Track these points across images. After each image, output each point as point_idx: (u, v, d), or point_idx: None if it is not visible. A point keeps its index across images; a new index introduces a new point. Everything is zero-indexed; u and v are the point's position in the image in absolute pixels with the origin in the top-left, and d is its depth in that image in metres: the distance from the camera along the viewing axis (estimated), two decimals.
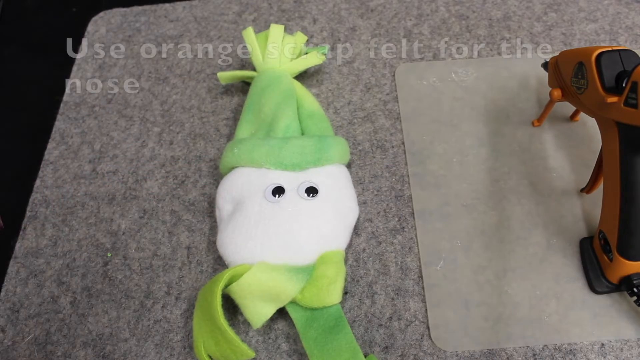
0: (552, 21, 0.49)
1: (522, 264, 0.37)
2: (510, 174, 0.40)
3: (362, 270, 0.37)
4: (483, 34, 0.49)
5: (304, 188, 0.35)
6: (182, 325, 0.36)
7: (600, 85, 0.31)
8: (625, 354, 0.33)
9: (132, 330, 0.36)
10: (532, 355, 0.33)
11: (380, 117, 0.44)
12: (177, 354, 0.35)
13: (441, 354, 0.34)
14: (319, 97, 0.46)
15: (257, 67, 0.42)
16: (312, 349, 0.32)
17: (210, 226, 0.40)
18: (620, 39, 0.47)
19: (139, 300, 0.37)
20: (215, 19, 0.52)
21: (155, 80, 0.48)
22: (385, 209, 0.40)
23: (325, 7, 0.52)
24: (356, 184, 0.41)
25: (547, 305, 0.35)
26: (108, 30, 0.52)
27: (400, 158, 0.42)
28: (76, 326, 0.36)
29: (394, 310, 0.35)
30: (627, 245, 0.32)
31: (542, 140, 0.42)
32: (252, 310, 0.32)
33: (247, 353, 0.30)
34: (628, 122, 0.29)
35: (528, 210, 0.39)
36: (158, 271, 0.38)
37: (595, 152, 0.36)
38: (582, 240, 0.37)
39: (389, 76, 0.47)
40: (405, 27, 0.50)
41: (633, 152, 0.31)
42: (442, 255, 0.37)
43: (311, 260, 0.34)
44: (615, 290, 0.34)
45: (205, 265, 0.38)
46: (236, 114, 0.45)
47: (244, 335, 0.35)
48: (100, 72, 0.49)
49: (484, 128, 0.43)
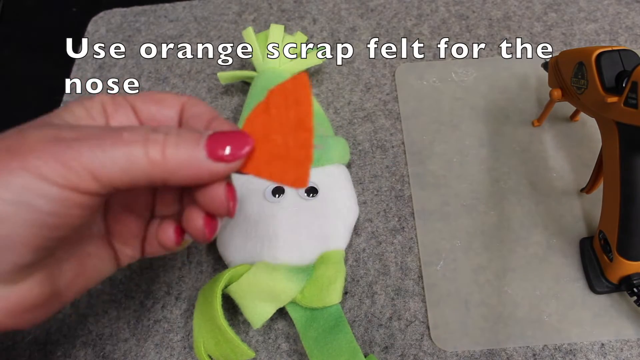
0: (552, 21, 0.49)
1: (522, 264, 0.37)
2: (510, 174, 0.40)
3: (362, 270, 0.37)
4: (483, 34, 0.49)
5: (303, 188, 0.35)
6: (182, 325, 0.36)
7: (600, 85, 0.31)
8: (625, 354, 0.33)
9: (132, 330, 0.36)
10: (532, 355, 0.33)
11: (380, 117, 0.44)
12: (177, 354, 0.35)
13: (441, 354, 0.34)
14: (319, 97, 0.46)
15: (257, 67, 0.42)
16: (312, 349, 0.32)
17: None
18: (620, 39, 0.47)
19: (139, 300, 0.37)
20: (215, 19, 0.52)
21: (155, 80, 0.48)
22: (385, 209, 0.40)
23: (325, 7, 0.52)
24: (356, 184, 0.41)
25: (547, 305, 0.35)
26: (108, 30, 0.52)
27: (400, 158, 0.42)
28: (76, 326, 0.36)
29: (394, 310, 0.35)
30: (627, 245, 0.32)
31: (542, 140, 0.42)
32: (252, 310, 0.32)
33: (247, 353, 0.30)
34: (628, 122, 0.29)
35: (528, 210, 0.39)
36: (158, 271, 0.38)
37: (595, 152, 0.36)
38: (582, 240, 0.37)
39: (389, 76, 0.47)
40: (405, 27, 0.50)
41: (633, 152, 0.31)
42: (442, 255, 0.37)
43: (311, 260, 0.34)
44: (615, 290, 0.34)
45: (205, 265, 0.38)
46: (236, 114, 0.45)
47: (244, 335, 0.35)
48: (100, 72, 0.49)
49: (484, 128, 0.43)
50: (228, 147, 0.21)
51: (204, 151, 0.20)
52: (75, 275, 0.24)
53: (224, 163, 0.21)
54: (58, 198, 0.19)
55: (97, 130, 0.20)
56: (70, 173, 0.19)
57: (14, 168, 0.18)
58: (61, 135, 0.19)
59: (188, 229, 0.23)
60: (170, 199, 0.26)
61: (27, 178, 0.18)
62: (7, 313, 0.21)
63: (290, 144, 0.21)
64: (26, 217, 0.19)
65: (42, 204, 0.19)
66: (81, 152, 0.19)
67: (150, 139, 0.20)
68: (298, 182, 0.21)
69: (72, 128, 0.20)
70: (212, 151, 0.20)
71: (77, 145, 0.19)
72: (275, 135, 0.22)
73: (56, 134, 0.19)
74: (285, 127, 0.22)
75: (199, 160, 0.20)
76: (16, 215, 0.19)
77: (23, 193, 0.18)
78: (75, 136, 0.19)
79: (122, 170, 0.19)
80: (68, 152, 0.19)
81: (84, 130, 0.20)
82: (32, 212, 0.19)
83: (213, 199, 0.22)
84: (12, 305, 0.21)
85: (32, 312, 0.22)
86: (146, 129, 0.20)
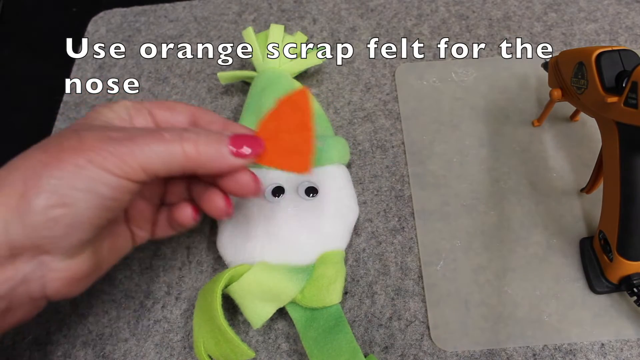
0: (552, 21, 0.49)
1: (522, 264, 0.37)
2: (510, 174, 0.40)
3: (362, 270, 0.37)
4: (483, 34, 0.49)
5: (303, 188, 0.35)
6: (182, 325, 0.36)
7: (600, 85, 0.31)
8: (625, 354, 0.33)
9: (132, 330, 0.36)
10: (532, 355, 0.33)
11: (380, 117, 0.44)
12: (177, 354, 0.35)
13: (441, 354, 0.34)
14: (319, 97, 0.46)
15: (257, 67, 0.42)
16: (312, 349, 0.32)
17: (210, 226, 0.40)
18: (620, 39, 0.47)
19: (139, 300, 0.37)
20: (215, 19, 0.52)
21: (155, 80, 0.48)
22: (385, 209, 0.40)
23: (325, 7, 0.52)
24: (356, 184, 0.41)
25: (547, 305, 0.35)
26: (108, 30, 0.52)
27: (400, 158, 0.42)
28: (76, 326, 0.36)
29: (394, 310, 0.35)
30: (627, 245, 0.32)
31: (542, 140, 0.42)
32: (252, 310, 0.32)
33: (247, 353, 0.30)
34: (628, 122, 0.29)
35: (528, 210, 0.39)
36: (158, 271, 0.38)
37: (595, 152, 0.36)
38: (582, 240, 0.37)
39: (389, 76, 0.47)
40: (405, 27, 0.50)
41: (633, 152, 0.31)
42: (442, 255, 0.37)
43: (311, 260, 0.34)
44: (615, 290, 0.34)
45: (205, 265, 0.38)
46: (236, 114, 0.45)
47: (244, 335, 0.35)
48: (100, 72, 0.49)
49: (484, 128, 0.43)
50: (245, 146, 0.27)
51: (227, 148, 0.26)
52: (109, 252, 0.29)
53: (242, 158, 0.27)
54: (116, 185, 0.24)
55: (141, 131, 0.25)
56: (126, 165, 0.24)
57: (82, 163, 0.23)
58: (113, 136, 0.24)
59: (209, 209, 0.29)
60: (180, 189, 0.32)
61: (94, 170, 0.23)
62: (66, 282, 0.25)
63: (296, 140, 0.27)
64: (93, 201, 0.24)
65: (105, 191, 0.24)
66: (132, 149, 0.24)
67: (184, 138, 0.25)
68: (303, 168, 0.27)
69: (119, 130, 0.25)
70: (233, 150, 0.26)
71: (128, 143, 0.24)
72: (283, 135, 0.28)
73: (108, 134, 0.24)
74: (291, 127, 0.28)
75: (223, 156, 0.26)
76: (85, 200, 0.23)
77: (91, 182, 0.23)
78: (125, 136, 0.24)
79: (164, 162, 0.25)
80: (122, 149, 0.24)
81: (131, 131, 0.25)
82: (97, 198, 0.24)
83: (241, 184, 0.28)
84: (71, 275, 0.25)
85: (81, 282, 0.26)
86: (180, 130, 0.26)
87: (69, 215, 0.23)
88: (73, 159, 0.23)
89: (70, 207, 0.23)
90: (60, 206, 0.23)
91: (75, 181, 0.23)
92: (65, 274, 0.25)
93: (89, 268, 0.26)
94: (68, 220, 0.23)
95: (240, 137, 0.27)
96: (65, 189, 0.23)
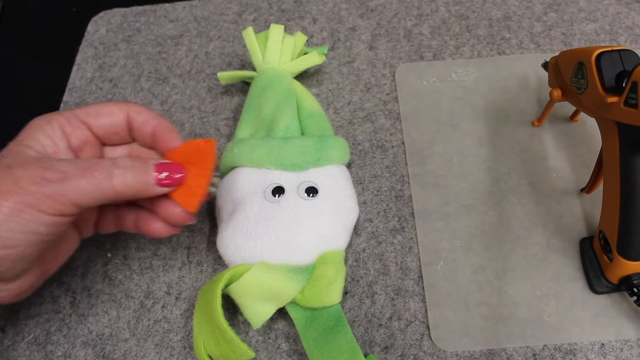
0: (552, 21, 0.49)
1: (522, 264, 0.37)
2: (510, 174, 0.40)
3: (362, 270, 0.37)
4: (483, 34, 0.49)
5: (304, 188, 0.35)
6: (182, 325, 0.36)
7: (600, 85, 0.31)
8: (625, 354, 0.33)
9: (132, 330, 0.36)
10: (532, 355, 0.33)
11: (380, 117, 0.44)
12: (177, 354, 0.35)
13: (441, 354, 0.34)
14: (319, 97, 0.46)
15: (257, 67, 0.42)
16: (312, 349, 0.32)
17: (210, 226, 0.40)
18: (620, 39, 0.47)
19: (139, 300, 0.37)
20: (215, 19, 0.52)
21: (155, 80, 0.48)
22: (385, 209, 0.40)
23: (325, 7, 0.52)
24: (356, 184, 0.41)
25: (547, 305, 0.35)
26: (108, 30, 0.52)
27: (400, 158, 0.42)
28: (76, 326, 0.36)
29: (394, 310, 0.35)
30: (627, 245, 0.32)
31: (542, 140, 0.42)
32: (252, 310, 0.32)
33: (247, 353, 0.30)
34: (628, 122, 0.29)
35: (528, 210, 0.39)
36: (158, 271, 0.38)
37: (595, 152, 0.36)
38: (582, 240, 0.37)
39: (389, 76, 0.47)
40: (405, 27, 0.50)
41: (633, 152, 0.31)
42: (442, 255, 0.37)
43: (311, 260, 0.34)
44: (615, 290, 0.34)
45: (205, 265, 0.38)
46: (236, 114, 0.45)
47: (244, 335, 0.35)
48: (100, 72, 0.49)
49: (484, 128, 0.43)
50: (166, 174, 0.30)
51: (153, 180, 0.29)
52: (54, 257, 0.31)
53: (166, 187, 0.30)
54: (52, 223, 0.26)
55: (73, 169, 0.27)
56: (59, 205, 0.26)
57: (20, 207, 0.25)
58: (47, 176, 0.26)
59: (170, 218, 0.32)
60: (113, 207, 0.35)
61: (31, 213, 0.25)
62: (13, 296, 0.28)
63: (194, 181, 0.31)
64: (33, 239, 0.26)
65: (42, 229, 0.26)
66: (66, 190, 0.26)
67: (114, 174, 0.28)
68: (191, 206, 0.31)
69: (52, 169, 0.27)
70: (158, 180, 0.30)
71: (62, 184, 0.26)
72: (187, 170, 0.31)
73: (42, 175, 0.26)
74: (193, 169, 0.31)
75: (149, 185, 0.29)
76: (25, 240, 0.26)
77: (29, 224, 0.25)
78: (58, 177, 0.26)
79: (95, 197, 0.27)
80: (56, 190, 0.26)
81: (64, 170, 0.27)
82: (36, 236, 0.26)
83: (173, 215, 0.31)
84: (16, 291, 0.28)
85: (28, 291, 0.30)
86: (110, 166, 0.28)
87: (12, 254, 0.26)
88: (10, 204, 0.25)
89: (12, 248, 0.25)
90: (2, 248, 0.25)
91: (14, 225, 0.25)
92: (10, 292, 0.28)
93: (34, 281, 0.29)
94: (12, 258, 0.26)
95: (164, 165, 0.30)
96: (6, 232, 0.25)
